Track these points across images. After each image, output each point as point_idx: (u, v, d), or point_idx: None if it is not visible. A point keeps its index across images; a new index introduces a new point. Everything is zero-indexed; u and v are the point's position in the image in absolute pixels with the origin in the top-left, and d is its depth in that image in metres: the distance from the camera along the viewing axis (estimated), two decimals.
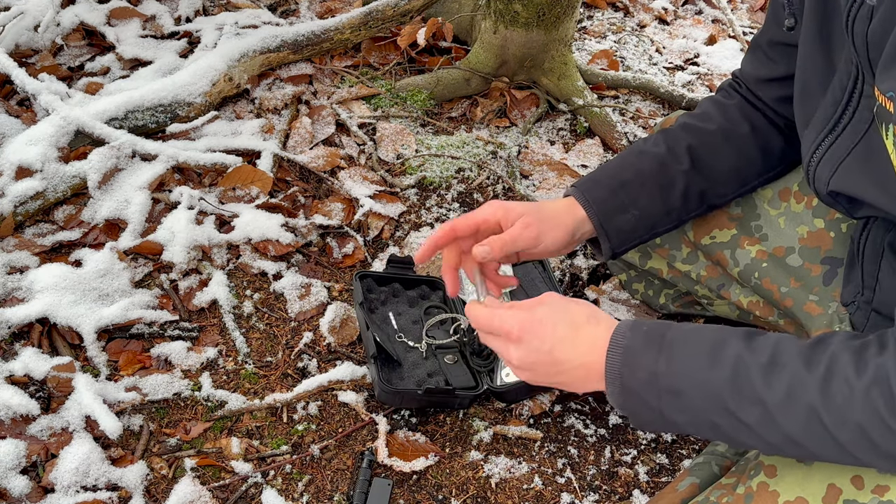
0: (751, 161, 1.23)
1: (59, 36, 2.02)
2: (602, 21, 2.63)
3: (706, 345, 0.87)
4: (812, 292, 1.23)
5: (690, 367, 0.87)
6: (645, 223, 1.20)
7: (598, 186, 1.18)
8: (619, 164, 1.22)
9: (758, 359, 0.84)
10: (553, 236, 1.13)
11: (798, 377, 0.81)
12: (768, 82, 1.19)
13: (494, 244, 1.07)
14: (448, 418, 1.39)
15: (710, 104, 1.25)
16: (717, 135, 1.21)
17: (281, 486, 1.27)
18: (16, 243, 1.53)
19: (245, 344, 1.46)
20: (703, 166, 1.20)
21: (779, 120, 1.21)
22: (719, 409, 0.85)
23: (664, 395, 0.88)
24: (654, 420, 0.90)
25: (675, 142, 1.20)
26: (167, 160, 1.70)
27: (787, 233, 1.26)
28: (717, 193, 1.23)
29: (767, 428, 0.83)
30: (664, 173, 1.19)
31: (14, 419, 1.26)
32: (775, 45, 1.15)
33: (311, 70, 2.06)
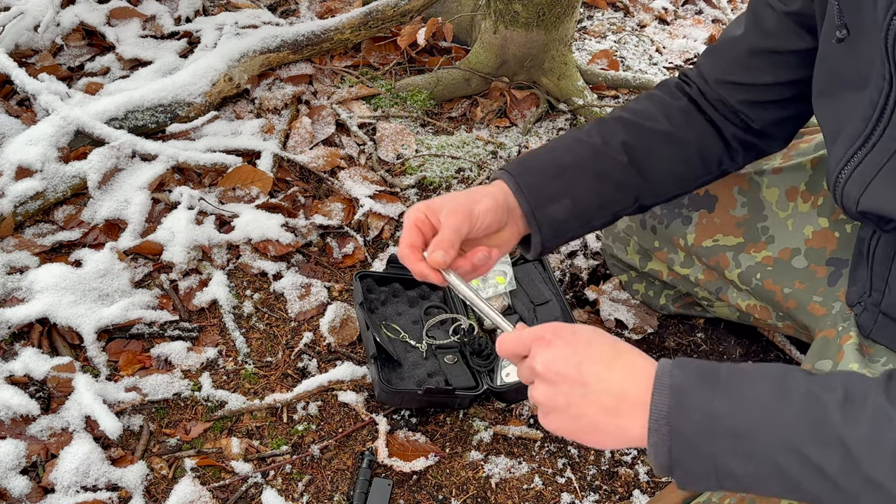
0: (691, 167, 1.17)
1: (59, 36, 2.02)
2: (602, 21, 2.63)
3: (770, 379, 0.77)
4: (816, 293, 1.22)
5: (755, 405, 0.76)
6: (579, 216, 1.10)
7: (531, 172, 1.08)
8: (554, 149, 1.13)
9: (832, 394, 0.75)
10: (483, 206, 1.02)
11: (883, 411, 0.72)
12: (740, 87, 1.13)
13: (442, 244, 0.99)
14: (448, 418, 1.39)
15: (651, 103, 1.17)
16: (660, 137, 1.14)
17: (281, 486, 1.27)
18: (16, 243, 1.53)
19: (245, 344, 1.46)
20: (641, 166, 1.13)
21: (727, 128, 1.15)
22: (788, 450, 0.74)
23: (723, 438, 0.75)
24: (706, 472, 0.77)
25: (611, 135, 1.12)
26: (167, 160, 1.70)
27: (795, 234, 1.25)
28: (651, 194, 1.16)
29: (847, 471, 0.72)
30: (600, 164, 1.11)
31: (14, 419, 1.26)
32: (760, 54, 1.09)
33: (311, 70, 2.06)
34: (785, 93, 1.11)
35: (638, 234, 1.47)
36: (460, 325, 1.49)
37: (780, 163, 1.30)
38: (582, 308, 1.61)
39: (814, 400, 0.74)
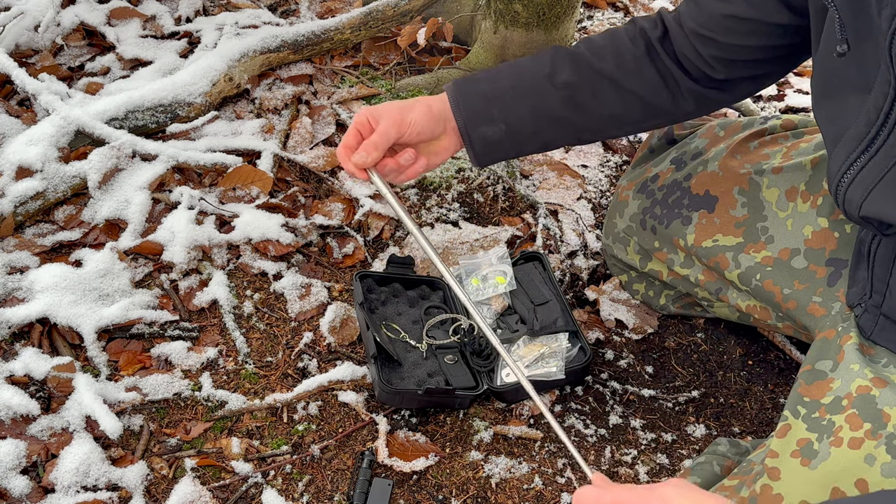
0: (631, 111, 1.22)
1: (59, 36, 2.02)
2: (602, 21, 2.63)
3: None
4: (816, 294, 1.22)
5: None
6: (512, 139, 1.19)
7: (471, 94, 1.17)
8: (498, 74, 1.20)
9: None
10: (416, 114, 1.13)
11: None
12: (715, 43, 1.13)
13: (368, 146, 1.09)
14: (448, 418, 1.39)
15: (611, 41, 1.20)
16: (605, 80, 1.19)
17: (281, 486, 1.27)
18: (16, 243, 1.53)
19: (245, 344, 1.46)
20: (579, 104, 1.19)
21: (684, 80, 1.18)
22: None
23: None
24: None
25: (559, 68, 1.18)
26: (167, 160, 1.70)
27: (794, 234, 1.25)
28: (588, 131, 1.24)
29: None
30: (538, 97, 1.18)
31: (14, 419, 1.26)
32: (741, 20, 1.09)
33: (311, 70, 2.06)
34: (757, 55, 1.14)
35: (638, 235, 1.47)
36: (460, 325, 1.49)
37: (780, 162, 1.30)
38: (582, 308, 1.61)
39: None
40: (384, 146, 1.11)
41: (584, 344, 1.45)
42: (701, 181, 1.37)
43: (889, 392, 0.98)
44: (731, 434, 1.42)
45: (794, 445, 1.01)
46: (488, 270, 1.57)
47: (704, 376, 1.52)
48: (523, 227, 1.77)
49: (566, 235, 1.75)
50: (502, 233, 1.73)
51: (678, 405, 1.46)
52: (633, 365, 1.52)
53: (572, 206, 1.83)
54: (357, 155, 1.09)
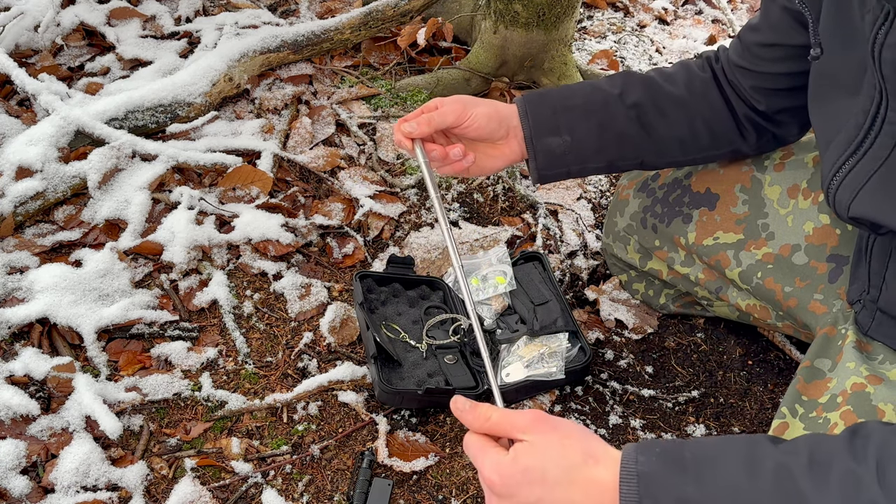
0: (696, 136, 1.24)
1: (59, 36, 2.02)
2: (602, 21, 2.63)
3: (737, 457, 0.76)
4: (817, 291, 1.23)
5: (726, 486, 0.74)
6: (576, 153, 1.20)
7: (542, 104, 1.19)
8: (572, 90, 1.23)
9: (798, 460, 0.74)
10: (480, 111, 1.14)
11: (850, 473, 0.71)
12: (749, 73, 1.19)
13: (420, 120, 1.10)
14: (448, 418, 1.39)
15: (682, 69, 1.26)
16: (673, 100, 1.22)
17: (281, 486, 1.27)
18: (16, 243, 1.53)
19: (245, 344, 1.46)
20: (646, 123, 1.21)
21: (740, 107, 1.22)
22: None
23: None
24: None
25: (630, 89, 1.21)
26: (167, 160, 1.70)
27: (794, 230, 1.25)
28: (653, 153, 1.25)
29: None
30: (607, 113, 1.20)
31: (14, 419, 1.26)
32: (767, 47, 1.14)
33: (311, 70, 2.06)
34: (789, 83, 1.15)
35: (638, 233, 1.47)
36: (460, 325, 1.49)
37: (781, 160, 1.30)
38: (582, 308, 1.61)
39: (783, 473, 0.73)
40: (436, 125, 1.11)
41: (584, 344, 1.45)
42: (702, 179, 1.38)
43: (884, 389, 0.98)
44: (731, 434, 1.42)
45: None
46: (488, 270, 1.57)
47: (704, 376, 1.51)
48: (523, 227, 1.77)
49: (566, 235, 1.75)
50: (502, 233, 1.73)
51: (678, 405, 1.46)
52: (632, 365, 1.52)
53: (572, 206, 1.83)
54: (407, 123, 1.10)
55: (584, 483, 0.78)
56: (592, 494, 0.78)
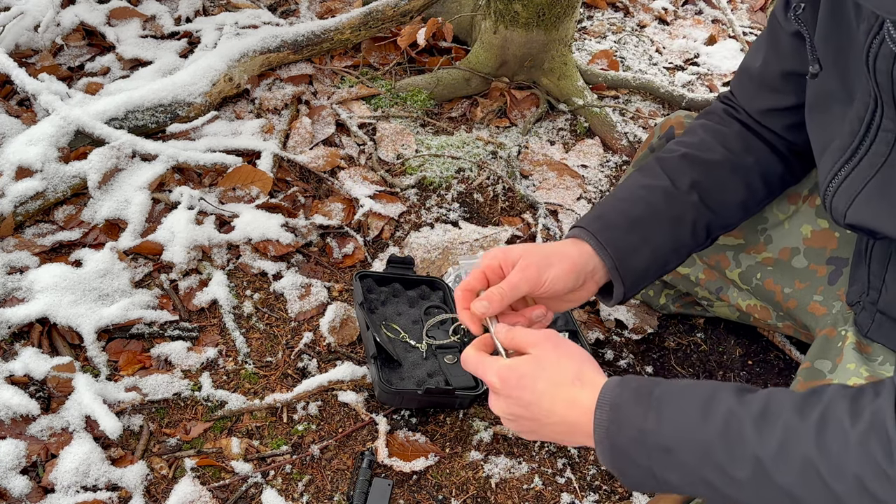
0: (755, 192, 1.18)
1: (59, 36, 2.02)
2: (602, 21, 2.63)
3: (696, 400, 0.84)
4: (817, 292, 1.23)
5: (680, 424, 0.83)
6: (657, 262, 1.12)
7: (611, 227, 1.09)
8: (627, 199, 1.14)
9: (749, 411, 0.80)
10: (556, 271, 1.03)
11: (792, 427, 0.78)
12: (776, 112, 1.15)
13: (493, 296, 0.99)
14: (448, 418, 1.39)
15: (706, 132, 1.19)
16: (724, 167, 1.15)
17: (281, 486, 1.27)
18: (16, 243, 1.53)
19: (245, 344, 1.46)
20: (711, 201, 1.14)
21: (781, 146, 1.18)
22: (711, 465, 0.81)
23: (654, 452, 0.83)
24: (645, 479, 0.86)
25: (678, 174, 1.14)
26: (167, 160, 1.70)
27: (792, 233, 1.25)
28: (721, 225, 1.18)
29: (761, 483, 0.79)
30: (673, 208, 1.12)
31: (14, 419, 1.26)
32: (788, 76, 1.10)
33: (311, 70, 2.06)
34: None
35: None
36: (460, 325, 1.49)
37: None
38: (582, 308, 1.61)
39: (733, 419, 0.80)
40: (511, 299, 1.00)
41: (584, 344, 1.45)
42: None
43: None
44: None
45: None
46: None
47: (704, 376, 1.51)
48: (523, 227, 1.77)
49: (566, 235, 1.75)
50: (502, 233, 1.73)
51: None
52: (633, 365, 1.52)
53: (572, 206, 1.83)
54: (478, 304, 0.98)
55: (567, 401, 0.89)
56: (571, 413, 0.89)
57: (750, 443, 0.79)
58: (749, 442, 0.79)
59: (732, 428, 0.80)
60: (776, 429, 0.78)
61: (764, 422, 0.79)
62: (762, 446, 0.78)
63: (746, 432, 0.79)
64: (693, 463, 0.82)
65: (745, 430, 0.79)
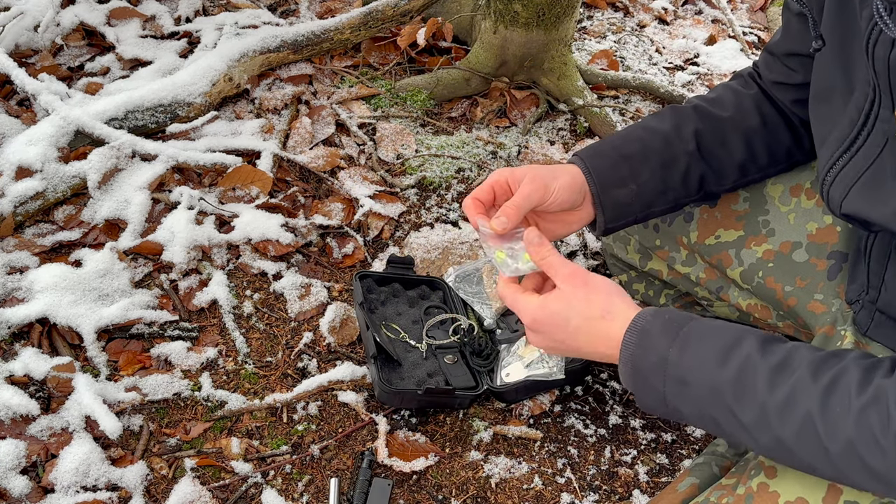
0: (755, 155, 1.22)
1: (58, 36, 2.02)
2: (602, 21, 2.63)
3: (720, 343, 0.89)
4: (817, 290, 1.23)
5: (699, 361, 0.89)
6: (642, 199, 1.18)
7: (601, 156, 1.16)
8: (625, 136, 1.20)
9: (768, 362, 0.86)
10: (561, 182, 1.11)
11: (802, 383, 0.83)
12: (784, 86, 1.18)
13: (509, 210, 1.07)
14: (448, 418, 1.39)
15: (725, 90, 1.24)
16: (728, 123, 1.20)
17: (281, 486, 1.27)
18: (16, 243, 1.53)
19: (245, 344, 1.46)
20: (707, 153, 1.19)
21: (794, 117, 1.21)
22: (720, 405, 0.88)
23: (670, 382, 0.90)
24: (658, 405, 0.93)
25: (684, 122, 1.20)
26: (167, 160, 1.70)
27: (796, 228, 1.26)
28: (716, 181, 1.23)
29: (762, 429, 0.86)
30: (668, 151, 1.18)
31: (14, 419, 1.26)
32: (792, 56, 1.14)
33: (310, 70, 2.06)
34: None
35: (639, 233, 1.47)
36: (460, 325, 1.49)
37: None
38: None
39: (748, 368, 0.87)
40: (526, 210, 1.07)
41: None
42: None
43: None
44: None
45: None
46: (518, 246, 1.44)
47: None
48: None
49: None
50: None
51: None
52: None
53: None
54: (498, 220, 1.05)
55: (598, 335, 0.97)
56: (602, 346, 0.97)
57: (759, 392, 0.85)
58: (759, 391, 0.85)
59: (747, 375, 0.86)
60: (787, 384, 0.84)
61: (778, 374, 0.85)
62: (771, 397, 0.84)
63: (758, 381, 0.85)
64: (704, 400, 0.89)
65: (758, 380, 0.85)
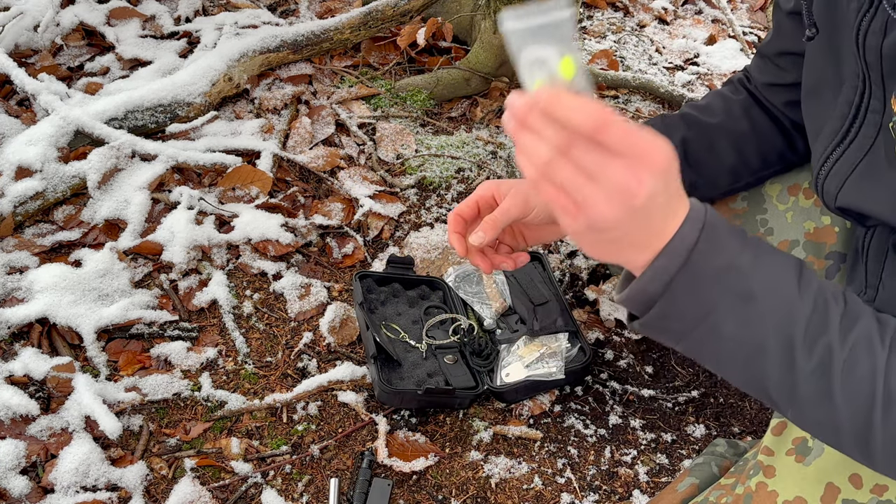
0: (745, 160, 1.22)
1: (58, 36, 2.02)
2: (602, 21, 2.63)
3: (791, 265, 0.74)
4: None
5: (777, 278, 0.73)
6: None
7: None
8: None
9: (837, 303, 0.75)
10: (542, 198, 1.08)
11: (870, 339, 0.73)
12: (776, 87, 1.18)
13: (486, 225, 1.04)
14: (448, 418, 1.39)
15: (715, 97, 1.25)
16: (716, 130, 1.20)
17: (281, 486, 1.27)
18: (15, 243, 1.53)
19: (245, 344, 1.46)
20: (694, 160, 1.19)
21: (785, 120, 1.21)
22: (784, 334, 0.72)
23: (730, 295, 0.72)
24: (694, 321, 0.73)
25: (671, 130, 1.19)
26: (167, 160, 1.70)
27: (794, 227, 1.26)
28: (707, 187, 1.22)
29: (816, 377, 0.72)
30: None
31: (14, 419, 1.26)
32: (784, 55, 1.14)
33: (310, 70, 2.05)
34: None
35: None
36: (460, 325, 1.49)
37: None
38: (582, 308, 1.61)
39: (823, 301, 0.73)
40: (504, 224, 1.05)
41: (584, 344, 1.45)
42: None
43: None
44: (731, 434, 1.42)
45: (790, 444, 1.01)
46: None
47: (704, 376, 1.51)
48: None
49: None
50: None
51: (678, 405, 1.46)
52: (632, 365, 1.52)
53: None
54: (474, 236, 1.03)
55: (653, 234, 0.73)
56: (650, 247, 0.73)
57: (833, 333, 0.72)
58: (832, 332, 0.72)
59: (822, 310, 0.74)
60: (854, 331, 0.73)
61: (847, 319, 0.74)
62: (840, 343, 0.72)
63: (833, 321, 0.73)
64: (767, 323, 0.72)
65: (832, 319, 0.73)
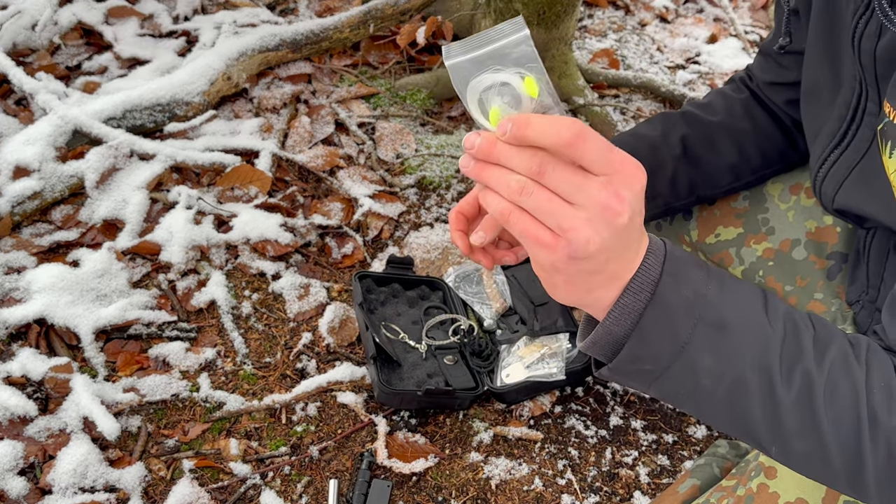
0: (746, 158, 1.23)
1: (56, 35, 2.02)
2: (603, 20, 2.62)
3: (756, 292, 0.72)
4: (816, 289, 1.23)
5: (746, 306, 0.70)
6: None
7: None
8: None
9: (807, 328, 0.72)
10: None
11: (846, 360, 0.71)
12: (778, 86, 1.19)
13: (486, 225, 0.99)
14: (448, 419, 1.39)
15: (717, 96, 1.25)
16: (717, 128, 1.21)
17: (280, 487, 1.26)
18: (13, 243, 1.53)
19: (244, 345, 1.45)
20: (695, 157, 1.19)
21: (787, 119, 1.22)
22: (760, 365, 0.69)
23: (703, 325, 0.68)
24: (668, 357, 0.70)
25: (672, 128, 1.20)
26: (165, 160, 1.70)
27: (795, 226, 1.26)
28: (708, 185, 1.23)
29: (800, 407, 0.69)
30: (654, 157, 1.18)
31: (12, 420, 1.26)
32: (786, 53, 1.15)
33: (309, 69, 2.05)
34: None
35: None
36: (460, 326, 1.48)
37: None
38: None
39: (793, 327, 0.71)
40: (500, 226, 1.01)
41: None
42: None
43: None
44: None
45: None
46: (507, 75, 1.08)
47: None
48: None
49: None
50: None
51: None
52: None
53: None
54: (476, 235, 0.96)
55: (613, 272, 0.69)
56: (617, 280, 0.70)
57: (808, 359, 0.69)
58: (808, 358, 0.69)
59: (794, 336, 0.70)
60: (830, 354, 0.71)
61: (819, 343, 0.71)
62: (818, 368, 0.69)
63: (807, 346, 0.70)
64: (743, 352, 0.69)
65: (806, 344, 0.70)
